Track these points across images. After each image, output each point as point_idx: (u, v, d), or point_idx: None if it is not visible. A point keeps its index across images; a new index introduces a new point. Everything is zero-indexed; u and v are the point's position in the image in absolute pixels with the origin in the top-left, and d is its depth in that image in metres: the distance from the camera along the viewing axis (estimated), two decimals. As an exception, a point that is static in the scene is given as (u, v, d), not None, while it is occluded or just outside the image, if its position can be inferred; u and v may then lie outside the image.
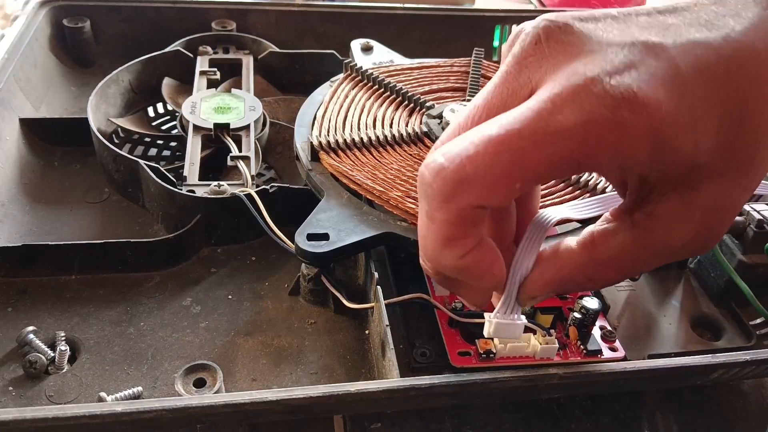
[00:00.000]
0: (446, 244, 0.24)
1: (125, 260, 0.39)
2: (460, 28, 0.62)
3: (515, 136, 0.21)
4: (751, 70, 0.22)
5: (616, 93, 0.20)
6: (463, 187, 0.22)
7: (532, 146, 0.21)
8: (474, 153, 0.21)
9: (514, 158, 0.21)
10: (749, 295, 0.35)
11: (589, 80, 0.21)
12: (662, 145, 0.21)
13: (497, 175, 0.21)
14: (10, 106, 0.47)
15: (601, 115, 0.20)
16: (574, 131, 0.21)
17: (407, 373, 0.31)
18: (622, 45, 0.22)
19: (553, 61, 0.22)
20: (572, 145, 0.21)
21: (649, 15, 0.23)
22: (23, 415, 0.24)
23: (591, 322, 0.33)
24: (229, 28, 0.58)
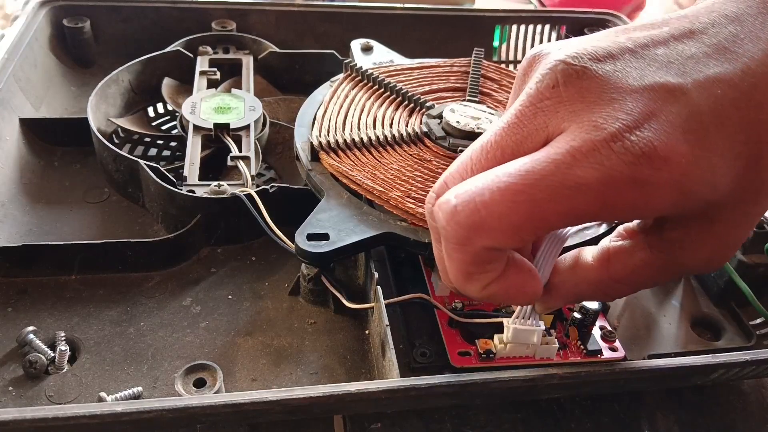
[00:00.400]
0: (467, 279, 0.24)
1: (125, 260, 0.39)
2: (460, 28, 0.62)
3: (533, 187, 0.21)
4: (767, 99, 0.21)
5: (636, 150, 0.20)
6: (477, 232, 0.22)
7: (549, 198, 0.21)
8: (489, 199, 0.21)
9: (532, 209, 0.21)
10: (749, 295, 0.35)
11: (609, 136, 0.20)
12: (681, 195, 0.21)
13: (513, 223, 0.21)
14: (10, 106, 0.47)
15: (620, 172, 0.20)
16: (593, 187, 0.20)
17: (407, 373, 0.31)
18: (642, 91, 0.21)
19: (571, 108, 0.22)
20: (590, 200, 0.21)
21: (667, 46, 0.22)
22: (23, 415, 0.24)
23: (591, 322, 0.33)
24: (229, 28, 0.58)
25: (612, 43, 0.23)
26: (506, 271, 0.24)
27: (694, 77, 0.21)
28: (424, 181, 0.37)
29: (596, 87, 0.22)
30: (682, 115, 0.21)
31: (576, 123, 0.21)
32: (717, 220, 0.23)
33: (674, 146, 0.20)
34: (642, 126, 0.20)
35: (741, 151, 0.21)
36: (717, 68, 0.21)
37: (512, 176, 0.21)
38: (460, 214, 0.22)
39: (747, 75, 0.21)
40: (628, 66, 0.22)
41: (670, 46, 0.22)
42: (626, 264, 0.26)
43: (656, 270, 0.25)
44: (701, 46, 0.22)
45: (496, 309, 0.35)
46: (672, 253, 0.25)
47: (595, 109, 0.21)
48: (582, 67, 0.22)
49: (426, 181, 0.37)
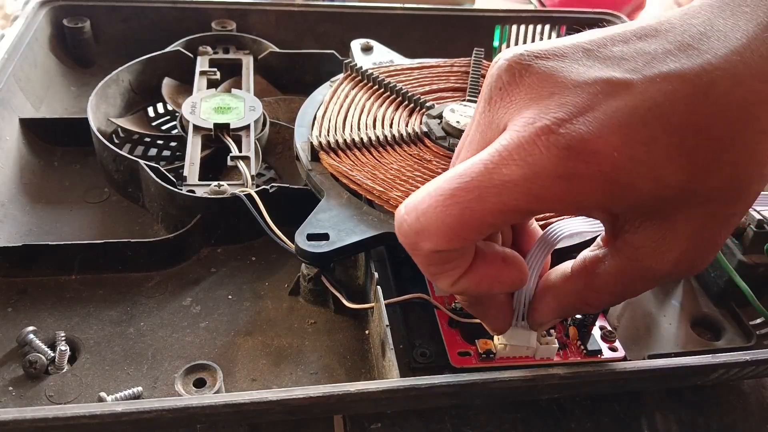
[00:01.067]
0: (433, 278, 0.25)
1: (125, 260, 0.39)
2: (460, 28, 0.62)
3: (462, 189, 0.21)
4: (732, 97, 0.20)
5: (563, 143, 0.20)
6: (420, 238, 0.23)
7: (477, 199, 0.21)
8: (426, 206, 0.22)
9: (462, 211, 0.22)
10: (749, 295, 0.35)
11: (537, 131, 0.21)
12: (616, 188, 0.21)
13: (448, 226, 0.22)
14: (10, 106, 0.47)
15: (544, 168, 0.20)
16: (518, 184, 0.21)
17: (407, 373, 0.31)
18: (583, 85, 0.21)
19: (516, 105, 0.22)
20: (517, 196, 0.21)
21: (627, 42, 0.22)
22: (23, 415, 0.24)
23: (591, 322, 0.33)
24: (229, 28, 0.58)
25: (567, 43, 0.23)
26: (473, 265, 0.24)
27: (644, 73, 0.21)
28: (424, 181, 0.37)
29: (537, 83, 0.22)
30: (622, 109, 0.21)
31: (514, 119, 0.22)
32: (677, 220, 0.23)
33: (606, 139, 0.20)
34: (575, 119, 0.21)
35: (695, 147, 0.21)
36: (674, 64, 0.21)
37: (447, 181, 0.22)
38: (405, 223, 0.23)
39: (705, 71, 0.21)
40: (576, 63, 0.22)
41: (630, 43, 0.22)
42: (599, 272, 0.26)
43: (629, 277, 0.25)
44: (663, 43, 0.22)
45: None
46: (638, 258, 0.24)
47: (532, 104, 0.22)
48: (526, 65, 0.22)
49: (426, 181, 0.37)
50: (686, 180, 0.21)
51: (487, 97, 0.24)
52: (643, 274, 0.25)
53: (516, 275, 0.25)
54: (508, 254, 0.25)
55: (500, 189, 0.21)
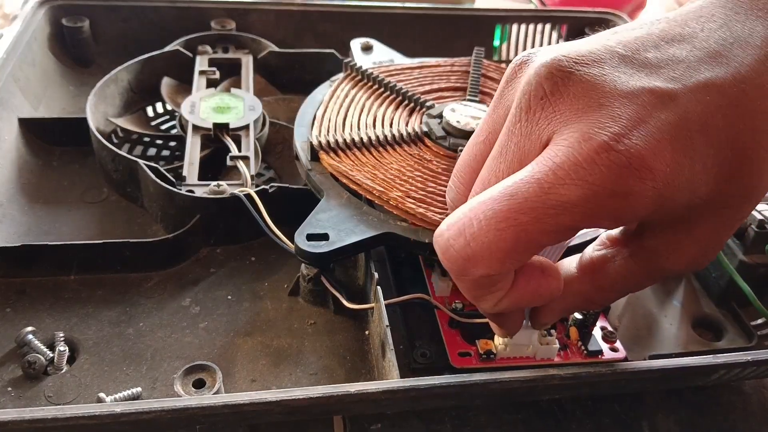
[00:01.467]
0: (477, 301, 0.24)
1: (124, 260, 0.38)
2: (461, 28, 0.62)
3: (517, 212, 0.21)
4: (758, 107, 0.21)
5: (623, 161, 0.20)
6: (470, 264, 0.22)
7: (534, 221, 0.21)
8: (477, 231, 0.21)
9: (518, 234, 0.21)
10: (750, 295, 0.35)
11: (595, 148, 0.20)
12: (662, 201, 0.21)
13: (501, 250, 0.21)
14: (8, 106, 0.47)
15: (604, 188, 0.20)
16: (576, 204, 0.20)
17: (407, 374, 0.31)
18: (631, 95, 0.21)
19: (562, 117, 0.21)
20: (575, 216, 0.20)
21: (658, 48, 0.22)
22: (22, 416, 0.24)
23: (592, 322, 0.33)
24: (228, 28, 0.58)
25: (600, 47, 0.22)
26: (515, 283, 0.24)
27: (684, 83, 0.21)
28: (425, 181, 0.37)
29: (583, 92, 0.21)
30: (671, 121, 0.20)
31: (563, 133, 0.21)
32: (697, 225, 0.23)
33: (660, 154, 0.20)
34: (630, 134, 0.20)
35: (725, 157, 0.21)
36: (708, 73, 0.21)
37: (496, 201, 0.21)
38: (452, 248, 0.22)
39: (737, 81, 0.21)
40: (616, 70, 0.21)
41: (661, 49, 0.22)
42: (609, 272, 0.26)
43: (639, 276, 0.25)
44: (692, 50, 0.22)
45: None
46: (653, 259, 0.24)
47: (583, 117, 0.21)
48: (568, 72, 0.21)
49: (426, 181, 0.37)
50: (714, 189, 0.21)
51: (524, 106, 0.22)
52: (654, 274, 0.25)
53: (555, 285, 0.25)
54: (545, 265, 0.25)
55: (558, 210, 0.20)
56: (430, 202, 0.35)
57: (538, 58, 0.23)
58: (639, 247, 0.25)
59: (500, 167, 0.23)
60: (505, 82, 0.25)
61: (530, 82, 0.22)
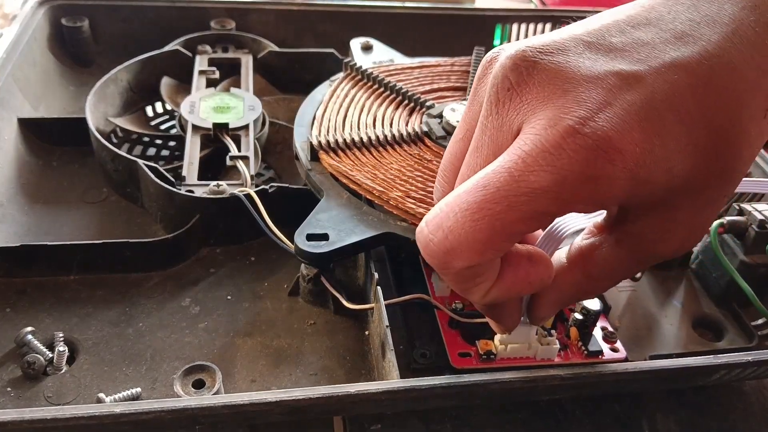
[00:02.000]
0: (465, 293, 0.24)
1: (124, 260, 0.38)
2: (461, 27, 0.62)
3: (489, 201, 0.21)
4: (729, 84, 0.21)
5: (590, 144, 0.20)
6: (450, 257, 0.22)
7: (507, 209, 0.21)
8: (453, 224, 0.22)
9: (492, 223, 0.21)
10: (751, 295, 0.35)
11: (562, 133, 0.20)
12: (636, 183, 0.21)
13: (479, 241, 0.21)
14: (8, 106, 0.47)
15: (573, 172, 0.20)
16: (548, 190, 0.20)
17: (407, 374, 0.31)
18: (596, 79, 0.21)
19: (529, 106, 0.22)
20: (548, 202, 0.21)
21: (623, 32, 0.22)
22: (22, 416, 0.24)
23: (592, 322, 0.33)
24: (228, 27, 0.58)
25: (566, 36, 0.22)
26: (502, 272, 0.24)
27: (650, 64, 0.21)
28: (425, 181, 0.37)
29: (548, 80, 0.21)
30: (637, 102, 0.20)
31: (531, 121, 0.21)
32: (680, 208, 0.23)
33: (628, 135, 0.20)
34: (596, 116, 0.20)
35: (699, 136, 0.21)
36: (674, 53, 0.21)
37: (470, 193, 0.21)
38: (431, 243, 0.22)
39: (704, 59, 0.21)
40: (581, 56, 0.22)
41: (627, 33, 0.22)
42: (598, 260, 0.25)
43: (628, 261, 0.25)
44: (658, 32, 0.22)
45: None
46: (640, 244, 0.24)
47: (548, 103, 0.21)
48: (532, 62, 0.22)
49: (426, 181, 0.37)
50: (691, 169, 0.21)
51: (493, 99, 0.23)
52: (642, 259, 0.25)
53: (544, 272, 0.25)
54: (532, 252, 0.25)
55: (530, 197, 0.20)
56: (430, 202, 0.35)
57: (504, 52, 0.23)
58: (624, 232, 0.25)
59: (476, 161, 0.24)
60: (477, 79, 0.25)
61: (497, 75, 0.23)
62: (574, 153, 0.20)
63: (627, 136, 0.20)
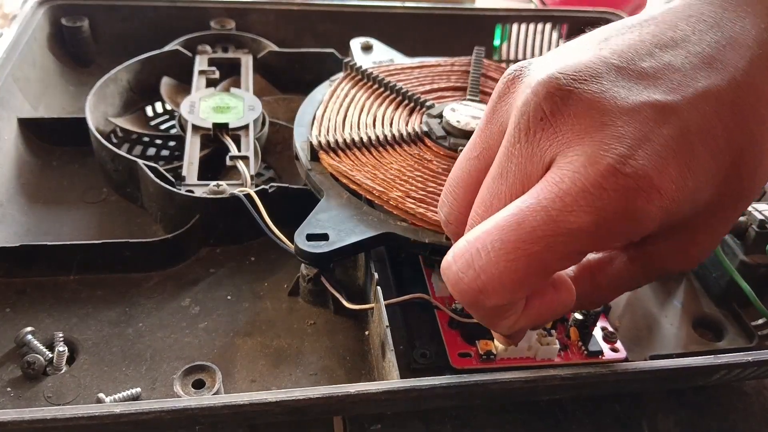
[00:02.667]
0: (493, 326, 0.24)
1: (124, 260, 0.38)
2: (461, 27, 0.62)
3: (526, 242, 0.20)
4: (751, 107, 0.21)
5: (632, 185, 0.19)
6: (484, 296, 0.21)
7: (545, 250, 0.20)
8: (486, 263, 0.21)
9: (529, 263, 0.20)
10: (751, 295, 0.35)
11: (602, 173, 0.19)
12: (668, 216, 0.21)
13: (513, 281, 0.21)
14: (8, 106, 0.47)
15: (613, 212, 0.20)
16: (587, 231, 0.20)
17: (407, 374, 0.31)
18: (632, 111, 0.20)
19: (564, 138, 0.21)
20: (585, 241, 0.20)
21: (652, 56, 0.21)
22: (21, 416, 0.24)
23: (592, 322, 0.33)
24: (228, 27, 0.58)
25: (595, 59, 0.21)
26: (529, 303, 0.23)
27: (683, 93, 0.21)
28: (425, 181, 0.37)
29: (584, 112, 0.21)
30: (674, 137, 0.20)
31: (567, 155, 0.21)
32: (698, 230, 0.23)
33: (666, 172, 0.20)
34: (636, 154, 0.20)
35: (723, 163, 0.21)
36: (705, 81, 0.21)
37: (503, 231, 0.21)
38: (462, 282, 0.22)
39: (732, 87, 0.21)
40: (615, 84, 0.21)
41: (656, 57, 0.21)
42: (608, 273, 0.26)
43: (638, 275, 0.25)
44: (687, 56, 0.21)
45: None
46: (654, 262, 0.25)
47: (586, 137, 0.20)
48: (567, 91, 0.21)
49: (426, 181, 0.37)
50: (713, 195, 0.21)
51: (523, 126, 0.22)
52: (653, 273, 0.25)
53: (567, 298, 0.24)
54: (556, 279, 0.24)
55: (568, 237, 0.20)
56: (430, 202, 0.35)
57: (532, 74, 0.22)
58: (639, 252, 0.25)
59: (502, 189, 0.23)
60: (498, 96, 0.24)
61: (528, 102, 0.22)
62: (615, 193, 0.19)
63: (665, 174, 0.20)
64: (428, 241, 0.34)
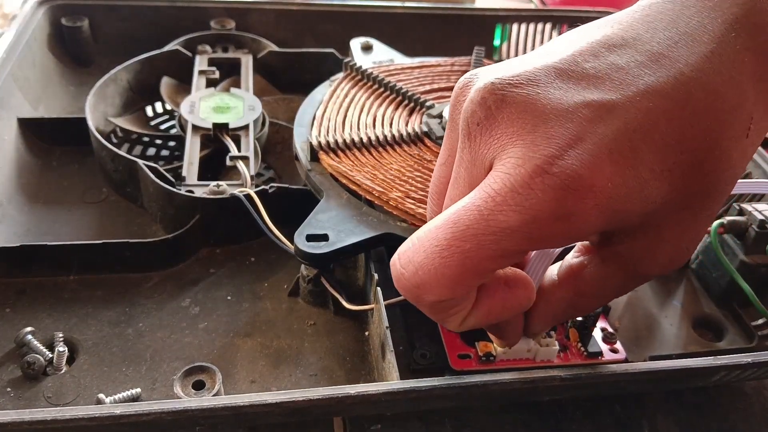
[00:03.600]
0: (441, 322, 0.25)
1: (124, 261, 0.38)
2: (461, 27, 0.62)
3: (459, 239, 0.21)
4: (707, 107, 0.20)
5: (558, 184, 0.19)
6: (422, 291, 0.22)
7: (477, 247, 0.20)
8: (423, 259, 0.21)
9: (462, 260, 0.21)
10: (751, 295, 0.35)
11: (530, 173, 0.20)
12: (610, 215, 0.20)
13: (448, 278, 0.21)
14: (8, 106, 0.47)
15: (543, 211, 0.20)
16: (516, 230, 0.20)
17: (407, 375, 0.31)
18: (566, 112, 0.20)
19: (499, 141, 0.21)
20: (517, 241, 0.20)
21: (597, 57, 0.21)
22: (21, 417, 0.24)
23: (592, 323, 0.33)
24: (228, 27, 0.58)
25: (538, 63, 0.22)
26: (478, 300, 0.24)
27: (623, 92, 0.20)
28: (424, 182, 0.37)
29: (517, 115, 0.21)
30: (609, 135, 0.20)
31: (501, 158, 0.21)
32: (664, 228, 0.22)
33: (600, 171, 0.20)
34: (566, 154, 0.20)
35: (676, 161, 0.20)
36: (649, 78, 0.20)
37: (440, 229, 0.21)
38: (402, 277, 0.22)
39: (680, 83, 0.20)
40: (552, 87, 0.21)
41: (600, 57, 0.21)
42: (588, 279, 0.25)
43: (617, 279, 0.25)
44: (634, 54, 0.21)
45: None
46: (626, 264, 0.24)
47: (517, 140, 0.21)
48: (501, 96, 0.21)
49: (426, 182, 0.37)
50: (668, 192, 0.21)
51: (465, 132, 0.22)
52: (631, 278, 0.25)
53: (523, 296, 0.24)
54: (509, 276, 0.24)
55: (498, 236, 0.20)
56: (430, 202, 0.35)
57: (476, 82, 0.22)
58: (610, 252, 0.24)
59: (454, 194, 0.24)
60: (452, 106, 0.25)
61: (467, 109, 0.22)
62: (542, 193, 0.19)
63: (598, 172, 0.20)
64: (428, 242, 0.34)
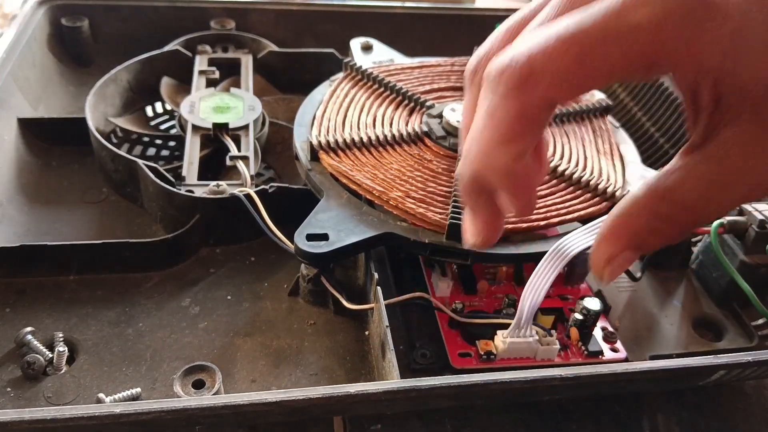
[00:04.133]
0: (503, 141, 0.22)
1: (124, 261, 0.38)
2: (461, 27, 0.62)
3: (584, 32, 0.20)
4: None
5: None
6: (534, 78, 0.21)
7: (603, 41, 0.20)
8: (545, 45, 0.20)
9: (584, 52, 0.20)
10: (751, 295, 0.35)
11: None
12: (733, 52, 0.20)
13: (566, 68, 0.20)
14: (8, 106, 0.47)
15: (675, 11, 0.19)
16: (647, 27, 0.20)
17: (407, 375, 0.31)
18: None
19: None
20: (645, 41, 0.20)
21: None
22: (21, 417, 0.24)
23: (592, 322, 0.33)
24: (228, 27, 0.58)
25: None
26: (535, 152, 0.23)
27: None
28: (425, 181, 0.37)
29: None
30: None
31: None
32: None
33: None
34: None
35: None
36: None
37: (562, 27, 0.21)
38: (517, 62, 0.21)
39: None
40: None
41: None
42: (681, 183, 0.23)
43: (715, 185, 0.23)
44: None
45: (497, 310, 0.35)
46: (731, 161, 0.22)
47: None
48: None
49: (426, 181, 0.37)
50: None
51: None
52: (732, 181, 0.23)
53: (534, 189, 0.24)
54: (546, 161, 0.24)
55: (626, 32, 0.20)
56: (430, 202, 0.35)
57: None
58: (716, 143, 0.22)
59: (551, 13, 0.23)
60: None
61: None
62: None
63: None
64: (428, 241, 0.34)
